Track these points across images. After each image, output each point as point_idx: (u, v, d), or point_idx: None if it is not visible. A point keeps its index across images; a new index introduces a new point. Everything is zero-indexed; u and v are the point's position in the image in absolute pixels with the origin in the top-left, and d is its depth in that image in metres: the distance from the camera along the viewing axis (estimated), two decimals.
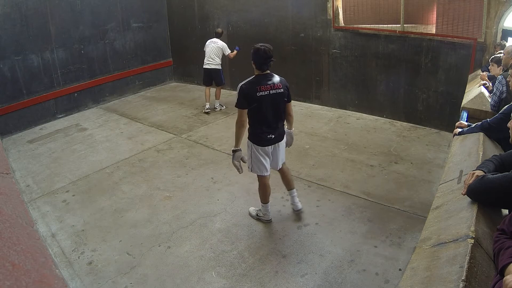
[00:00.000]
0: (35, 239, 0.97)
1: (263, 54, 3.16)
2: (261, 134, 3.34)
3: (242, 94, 3.21)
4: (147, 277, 3.01)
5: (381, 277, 2.92)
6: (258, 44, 3.23)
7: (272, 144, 3.41)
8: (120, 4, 7.58)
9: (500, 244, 1.35)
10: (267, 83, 3.21)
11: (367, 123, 6.12)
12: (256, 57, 3.20)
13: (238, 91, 3.23)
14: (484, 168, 1.87)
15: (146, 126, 6.34)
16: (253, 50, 3.21)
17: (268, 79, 3.23)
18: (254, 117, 3.31)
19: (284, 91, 3.28)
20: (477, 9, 4.93)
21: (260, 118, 3.30)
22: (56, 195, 4.30)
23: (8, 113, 6.12)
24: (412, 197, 3.98)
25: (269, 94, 3.20)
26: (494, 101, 3.25)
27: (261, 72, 3.25)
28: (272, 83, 3.22)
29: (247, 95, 3.19)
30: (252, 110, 3.26)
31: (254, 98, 3.19)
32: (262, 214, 3.67)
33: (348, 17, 6.28)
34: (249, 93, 3.18)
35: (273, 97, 3.23)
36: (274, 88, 3.22)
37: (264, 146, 3.38)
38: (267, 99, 3.21)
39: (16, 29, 6.05)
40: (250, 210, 3.82)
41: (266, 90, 3.19)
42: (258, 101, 3.19)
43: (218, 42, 6.59)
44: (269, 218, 3.67)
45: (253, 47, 3.23)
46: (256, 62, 3.22)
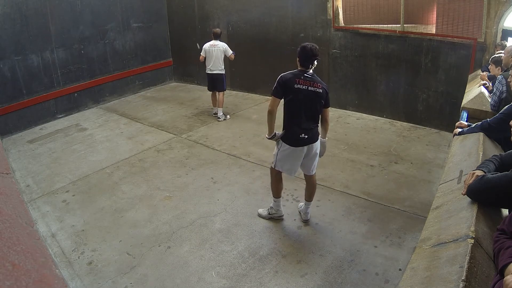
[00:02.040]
0: (35, 239, 0.97)
1: (309, 52, 3.18)
2: (294, 134, 3.27)
3: (280, 82, 3.21)
4: (147, 277, 3.01)
5: (381, 277, 2.92)
6: (306, 43, 3.26)
7: (305, 145, 3.30)
8: (120, 4, 7.58)
9: (500, 244, 1.35)
10: (307, 79, 3.21)
11: (367, 123, 6.12)
12: (302, 53, 3.21)
13: (278, 79, 3.23)
14: (484, 168, 1.87)
15: (146, 126, 6.34)
16: (300, 48, 3.23)
17: (309, 76, 3.23)
18: (289, 112, 3.28)
19: (322, 92, 3.24)
20: (477, 9, 4.93)
21: (294, 114, 3.26)
22: (56, 195, 4.30)
23: (8, 113, 6.12)
24: (412, 197, 3.98)
25: (306, 90, 3.19)
26: (494, 101, 3.25)
27: (304, 69, 3.25)
28: (312, 80, 3.22)
29: (285, 83, 3.19)
30: (287, 104, 3.25)
31: (291, 89, 3.18)
32: (275, 211, 3.66)
33: (348, 17, 6.28)
34: (287, 82, 3.18)
35: (310, 94, 3.20)
36: (313, 86, 3.20)
37: (296, 147, 3.29)
38: (303, 94, 3.19)
39: (16, 29, 6.05)
40: (259, 211, 3.76)
41: (305, 84, 3.19)
42: (294, 93, 3.18)
43: (219, 44, 6.18)
44: (281, 214, 3.68)
45: (301, 45, 3.25)
46: (301, 58, 3.24)
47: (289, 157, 3.34)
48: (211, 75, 6.31)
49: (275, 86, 3.23)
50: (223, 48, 6.19)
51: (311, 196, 3.61)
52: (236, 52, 7.78)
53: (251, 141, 5.55)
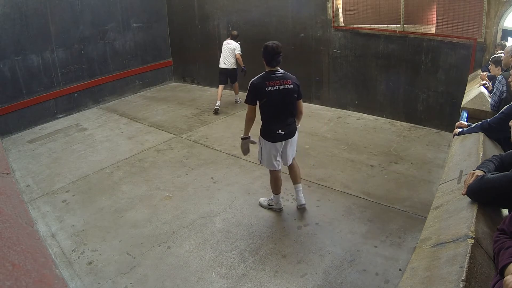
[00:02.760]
0: (35, 239, 0.97)
1: (271, 51, 3.27)
2: (272, 131, 3.43)
3: (251, 90, 3.34)
4: (147, 277, 3.01)
5: (381, 277, 2.92)
6: (268, 42, 3.36)
7: (282, 140, 3.48)
8: (120, 4, 7.58)
9: (500, 244, 1.35)
10: (276, 78, 3.30)
11: (367, 123, 6.12)
12: (265, 53, 3.31)
13: (249, 86, 3.34)
14: (484, 168, 1.87)
15: (146, 126, 6.34)
16: (263, 48, 3.33)
17: (277, 75, 3.33)
18: (266, 113, 3.42)
19: (294, 87, 3.35)
20: (477, 9, 4.93)
21: (270, 113, 3.39)
22: (56, 195, 4.30)
23: (8, 113, 6.12)
24: (412, 197, 3.98)
25: (278, 89, 3.29)
26: (494, 101, 3.25)
27: (271, 68, 3.34)
28: (282, 78, 3.32)
29: (256, 90, 3.31)
30: (263, 106, 3.37)
31: (263, 93, 3.29)
32: (274, 203, 3.78)
33: (348, 17, 6.28)
34: (258, 88, 3.30)
35: (283, 92, 3.31)
36: (284, 83, 3.30)
37: (275, 142, 3.46)
38: (276, 94, 3.29)
39: (16, 29, 6.05)
40: (260, 201, 3.93)
41: (276, 85, 3.29)
42: (268, 96, 3.29)
43: (232, 43, 6.71)
44: (280, 206, 3.79)
45: (263, 45, 3.35)
46: (266, 58, 3.33)
47: (271, 153, 3.52)
48: (223, 70, 6.85)
49: (247, 94, 3.35)
50: (234, 47, 6.72)
51: (297, 177, 3.77)
52: None
53: None
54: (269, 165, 3.59)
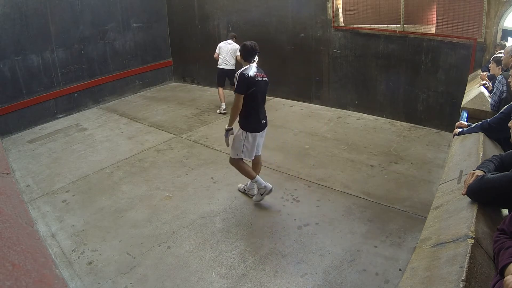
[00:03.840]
0: (35, 239, 0.97)
1: (250, 49, 3.63)
2: (258, 121, 3.70)
3: (244, 79, 3.54)
4: (147, 277, 3.01)
5: (381, 277, 2.92)
6: (245, 42, 3.70)
7: (264, 129, 3.78)
8: (120, 4, 7.58)
9: (500, 244, 1.35)
10: (259, 71, 3.65)
11: (367, 123, 6.12)
12: (245, 51, 3.65)
13: (239, 77, 3.54)
14: (484, 168, 1.87)
15: (146, 126, 6.34)
16: (242, 46, 3.69)
17: (258, 68, 3.68)
18: (250, 104, 3.61)
19: (267, 80, 3.71)
20: (477, 9, 4.93)
21: (255, 104, 3.63)
22: (56, 195, 4.30)
23: (8, 113, 6.12)
24: (412, 197, 3.98)
25: (262, 80, 3.64)
26: (494, 101, 3.25)
27: (249, 64, 3.66)
28: (261, 72, 3.69)
29: (249, 80, 3.53)
30: (249, 96, 3.57)
31: (253, 83, 3.55)
32: (263, 188, 3.79)
33: (348, 17, 6.28)
34: (250, 78, 3.54)
35: (264, 83, 3.68)
36: (263, 76, 3.67)
37: (258, 132, 3.73)
38: (261, 85, 3.63)
39: (16, 29, 6.05)
40: (254, 198, 3.95)
41: (259, 76, 3.63)
42: (256, 85, 3.57)
43: (233, 44, 6.63)
44: (270, 187, 3.82)
45: (242, 44, 3.71)
46: (244, 55, 3.67)
47: (254, 144, 3.74)
48: (223, 70, 6.73)
49: (238, 84, 3.55)
50: (236, 48, 6.52)
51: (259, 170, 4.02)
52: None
53: None
54: (250, 156, 3.79)
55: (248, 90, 3.55)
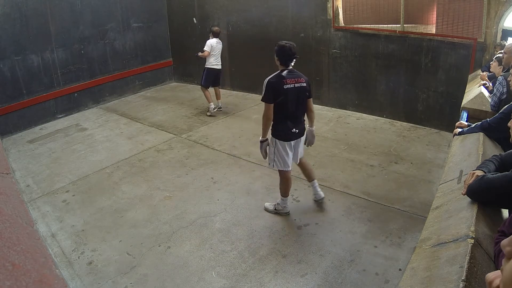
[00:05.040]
0: (35, 239, 0.97)
1: (288, 51, 3.34)
2: (287, 130, 3.44)
3: (269, 88, 3.33)
4: (147, 277, 3.01)
5: (381, 277, 2.92)
6: (283, 42, 3.40)
7: (296, 138, 3.53)
8: (120, 4, 7.58)
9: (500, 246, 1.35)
10: (292, 77, 3.36)
11: (367, 123, 6.12)
12: (281, 53, 3.36)
13: (266, 85, 3.34)
14: (484, 168, 1.87)
15: (146, 126, 6.34)
16: (278, 47, 3.38)
17: (292, 73, 3.39)
18: (280, 112, 3.40)
19: (306, 85, 3.42)
20: (477, 9, 4.93)
21: (286, 112, 3.39)
22: (56, 195, 4.30)
23: (8, 113, 6.12)
24: (412, 197, 3.98)
25: (294, 87, 3.34)
26: (494, 102, 3.24)
27: (285, 68, 3.39)
28: (296, 76, 3.38)
29: (274, 88, 3.32)
30: (278, 105, 3.36)
31: (281, 91, 3.31)
32: (281, 207, 3.75)
33: (348, 17, 6.28)
34: (276, 86, 3.31)
35: (298, 90, 3.37)
36: (298, 82, 3.37)
37: (289, 141, 3.49)
38: (292, 92, 3.34)
39: (16, 29, 6.04)
40: (266, 205, 3.87)
41: (292, 83, 3.34)
42: (285, 94, 3.32)
43: (220, 42, 6.60)
44: (287, 210, 3.77)
45: (278, 44, 3.40)
46: (281, 58, 3.38)
47: (284, 153, 3.51)
48: (217, 71, 6.58)
49: (265, 93, 3.35)
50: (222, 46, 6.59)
51: (311, 174, 3.84)
52: (236, 52, 7.78)
53: (251, 141, 5.55)
54: (284, 166, 3.54)
55: (276, 99, 3.33)
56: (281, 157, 3.51)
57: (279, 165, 3.55)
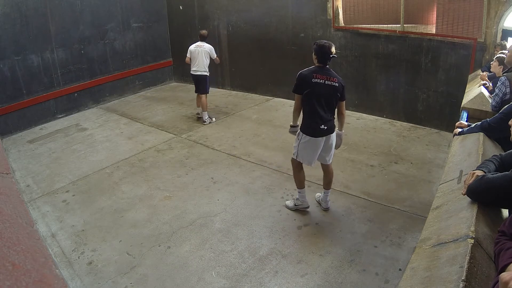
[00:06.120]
0: (35, 239, 0.97)
1: (327, 50, 3.39)
2: (315, 125, 3.44)
3: (299, 78, 3.43)
4: (147, 277, 3.01)
5: (381, 277, 2.92)
6: (322, 41, 3.46)
7: (325, 135, 3.49)
8: (120, 4, 7.58)
9: (500, 246, 1.35)
10: (324, 74, 3.40)
11: (367, 123, 6.12)
12: (320, 52, 3.41)
13: (297, 76, 3.44)
14: (484, 168, 1.87)
15: (146, 126, 6.34)
16: (318, 46, 3.42)
17: (325, 71, 3.43)
18: (308, 106, 3.45)
19: (339, 86, 3.42)
20: (477, 9, 4.93)
21: (313, 107, 3.42)
22: (56, 195, 4.30)
23: (8, 113, 6.12)
24: (412, 197, 3.98)
25: (323, 84, 3.38)
26: (496, 102, 3.21)
27: (322, 65, 3.44)
28: (329, 75, 3.41)
29: (303, 79, 3.40)
30: (306, 98, 3.42)
31: (309, 83, 3.37)
32: (300, 202, 3.78)
33: (348, 17, 6.28)
34: (305, 78, 3.39)
35: (327, 87, 3.39)
36: (330, 80, 3.39)
37: (317, 137, 3.47)
38: (320, 87, 3.37)
39: (16, 29, 6.05)
40: (286, 203, 3.90)
41: (322, 79, 3.38)
42: (312, 87, 3.37)
43: (205, 45, 6.07)
44: (307, 205, 3.80)
45: (317, 43, 3.44)
46: (319, 56, 3.43)
47: (309, 148, 3.51)
48: (196, 76, 6.15)
49: (296, 83, 3.45)
50: (208, 50, 6.08)
51: (329, 184, 3.80)
52: (236, 52, 7.77)
53: (251, 141, 5.55)
54: (307, 161, 3.57)
55: (303, 91, 3.39)
56: (305, 152, 3.53)
57: (300, 157, 3.58)
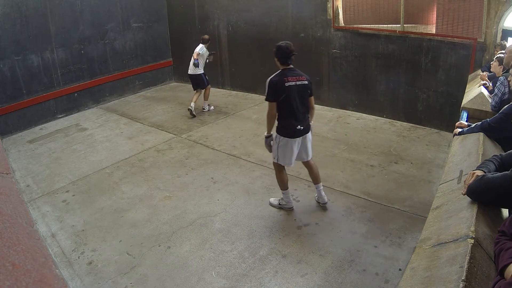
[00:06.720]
0: (35, 239, 0.97)
1: (285, 50, 3.42)
2: (291, 126, 3.50)
3: (271, 86, 3.43)
4: (147, 277, 3.01)
5: (381, 277, 2.92)
6: (280, 43, 3.49)
7: (302, 135, 3.56)
8: (120, 4, 7.58)
9: (500, 246, 1.35)
10: (293, 75, 3.45)
11: (367, 123, 6.12)
12: (279, 53, 3.45)
13: (268, 84, 3.44)
14: (484, 168, 1.87)
15: (146, 126, 6.34)
16: (276, 48, 3.47)
17: (293, 72, 3.48)
18: (284, 110, 3.47)
19: (308, 83, 3.50)
20: (477, 9, 4.92)
21: (289, 110, 3.46)
22: (56, 195, 4.30)
23: (8, 113, 6.12)
24: (412, 197, 3.98)
25: (296, 85, 3.43)
26: (496, 102, 3.22)
27: (286, 67, 3.48)
28: (298, 75, 3.48)
29: (276, 86, 3.41)
30: (281, 102, 3.44)
31: (283, 89, 3.40)
32: (285, 202, 3.81)
33: (348, 17, 6.28)
34: (278, 84, 3.40)
35: (299, 88, 3.45)
36: (300, 80, 3.46)
37: (295, 138, 3.53)
38: (294, 90, 3.43)
39: (16, 29, 6.05)
40: (270, 200, 3.94)
41: (293, 80, 3.43)
42: (287, 91, 3.40)
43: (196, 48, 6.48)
44: (291, 205, 3.82)
45: (276, 45, 3.48)
46: (280, 57, 3.47)
47: (288, 149, 3.56)
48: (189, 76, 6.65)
49: (268, 92, 3.48)
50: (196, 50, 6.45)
51: (318, 178, 3.82)
52: (236, 52, 7.76)
53: (251, 141, 5.55)
54: (287, 162, 3.62)
55: (279, 97, 3.41)
56: (284, 153, 3.57)
57: (281, 160, 3.62)
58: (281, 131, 3.54)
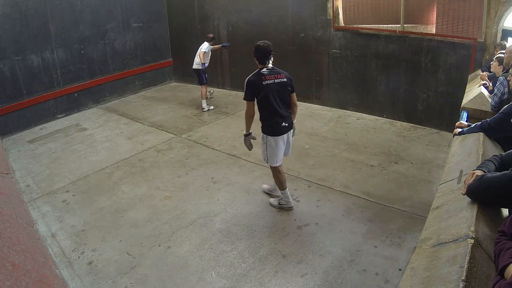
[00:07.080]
0: (35, 239, 0.97)
1: (263, 50, 3.46)
2: (276, 124, 3.54)
3: (249, 85, 3.47)
4: (147, 277, 3.01)
5: (381, 277, 2.92)
6: (259, 42, 3.54)
7: (287, 132, 3.61)
8: (120, 4, 7.58)
9: (500, 246, 1.35)
10: (271, 74, 3.49)
11: (367, 123, 6.12)
12: (258, 53, 3.49)
13: (246, 84, 3.47)
14: (484, 168, 1.87)
15: (146, 126, 6.34)
16: (254, 47, 3.51)
17: (271, 70, 3.52)
18: (266, 109, 3.51)
19: (287, 81, 3.52)
20: (477, 9, 4.92)
21: (271, 108, 3.49)
22: (56, 195, 4.30)
23: (8, 113, 6.12)
24: (412, 197, 3.98)
25: (274, 83, 3.46)
26: (495, 102, 3.23)
27: (263, 66, 3.52)
28: (276, 73, 3.51)
29: (253, 85, 3.45)
30: (262, 101, 3.48)
31: (261, 87, 3.43)
32: (285, 202, 3.82)
33: (348, 17, 6.28)
34: (255, 83, 3.44)
35: (278, 85, 3.48)
36: (278, 77, 3.49)
37: (280, 136, 3.57)
38: (273, 87, 3.45)
39: (16, 29, 6.05)
40: (270, 201, 3.95)
41: (271, 79, 3.46)
42: (265, 89, 3.43)
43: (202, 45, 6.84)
44: (291, 205, 3.83)
45: (254, 45, 3.53)
46: (258, 57, 3.51)
47: (276, 148, 3.60)
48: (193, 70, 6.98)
49: (245, 91, 3.52)
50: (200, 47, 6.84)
51: None
52: (236, 52, 7.76)
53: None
54: (276, 161, 3.65)
55: (257, 95, 3.46)
56: (273, 152, 3.61)
57: (269, 160, 3.67)
58: (267, 130, 3.59)
